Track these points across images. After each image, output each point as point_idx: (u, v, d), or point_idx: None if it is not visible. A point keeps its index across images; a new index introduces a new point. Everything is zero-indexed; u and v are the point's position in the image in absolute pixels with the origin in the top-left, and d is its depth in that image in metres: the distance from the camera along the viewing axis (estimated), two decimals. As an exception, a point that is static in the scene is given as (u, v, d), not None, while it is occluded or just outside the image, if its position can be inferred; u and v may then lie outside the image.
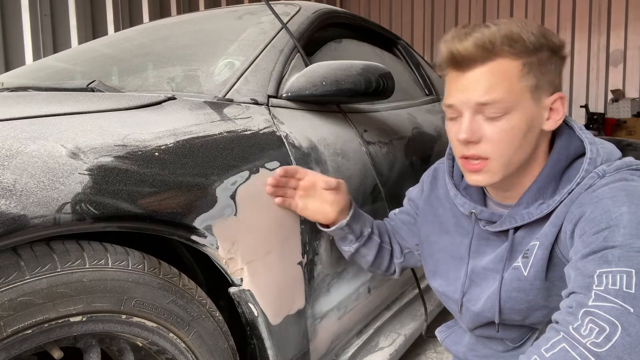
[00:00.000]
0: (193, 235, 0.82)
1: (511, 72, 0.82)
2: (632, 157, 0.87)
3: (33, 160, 0.63)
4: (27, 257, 0.64)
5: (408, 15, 8.23)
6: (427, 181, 1.13)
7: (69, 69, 1.62)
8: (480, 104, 0.82)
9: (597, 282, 0.70)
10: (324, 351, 1.19)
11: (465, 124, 0.84)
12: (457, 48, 0.83)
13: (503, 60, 0.82)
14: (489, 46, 0.81)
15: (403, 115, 1.68)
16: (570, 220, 0.80)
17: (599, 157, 0.84)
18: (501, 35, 0.81)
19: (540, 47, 0.82)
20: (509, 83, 0.81)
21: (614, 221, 0.73)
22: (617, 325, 0.65)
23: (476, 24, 0.85)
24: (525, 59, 0.82)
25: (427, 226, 1.08)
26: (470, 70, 0.83)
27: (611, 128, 6.31)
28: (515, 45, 0.81)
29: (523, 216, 0.87)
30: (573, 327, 0.69)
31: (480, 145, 0.84)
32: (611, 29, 6.75)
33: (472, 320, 1.00)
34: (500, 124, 0.82)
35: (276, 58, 1.26)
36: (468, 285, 0.99)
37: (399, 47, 2.21)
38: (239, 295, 0.92)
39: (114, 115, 0.82)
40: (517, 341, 0.98)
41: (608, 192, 0.77)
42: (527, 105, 0.83)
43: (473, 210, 0.95)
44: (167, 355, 0.81)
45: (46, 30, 3.93)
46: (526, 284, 0.87)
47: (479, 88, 0.82)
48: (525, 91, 0.82)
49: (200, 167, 0.84)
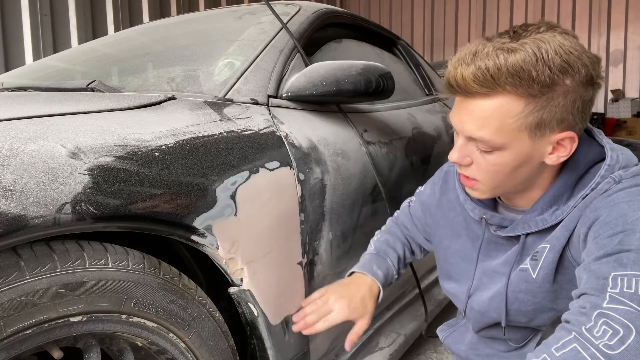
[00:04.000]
0: (193, 235, 0.82)
1: (508, 110, 0.76)
2: None
3: (33, 160, 0.63)
4: (27, 257, 0.64)
5: (408, 15, 8.23)
6: (438, 184, 1.12)
7: (69, 69, 1.62)
8: (470, 138, 0.82)
9: (612, 284, 0.69)
10: (324, 351, 1.19)
11: (457, 148, 0.84)
12: (454, 76, 0.78)
13: (505, 97, 0.75)
14: (490, 80, 0.74)
15: (403, 115, 1.68)
16: (584, 223, 0.79)
17: (617, 164, 0.82)
18: (507, 70, 0.73)
19: (554, 83, 0.73)
20: (503, 123, 0.76)
21: (630, 225, 0.72)
22: (632, 328, 0.64)
23: (494, 40, 0.77)
24: (529, 99, 0.75)
25: (440, 230, 1.08)
26: (471, 97, 0.79)
27: (611, 128, 6.31)
28: (520, 83, 0.73)
29: (537, 223, 0.86)
30: (586, 327, 0.68)
31: (470, 168, 0.85)
32: (611, 29, 6.75)
33: (477, 321, 1.00)
34: (489, 158, 0.81)
35: (276, 58, 1.25)
36: (475, 287, 0.99)
37: (399, 47, 2.21)
38: (239, 295, 0.92)
39: (114, 115, 0.82)
40: (520, 341, 0.98)
41: (624, 196, 0.76)
42: (521, 144, 0.78)
43: (483, 215, 0.95)
44: (167, 355, 0.81)
45: (46, 30, 3.93)
46: (534, 286, 0.87)
47: (473, 122, 0.79)
48: (522, 130, 0.77)
49: (200, 167, 0.84)
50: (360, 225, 1.29)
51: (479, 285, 0.98)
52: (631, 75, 6.69)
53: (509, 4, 7.42)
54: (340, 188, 1.20)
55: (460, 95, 0.81)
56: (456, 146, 0.85)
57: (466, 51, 0.78)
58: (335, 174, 1.18)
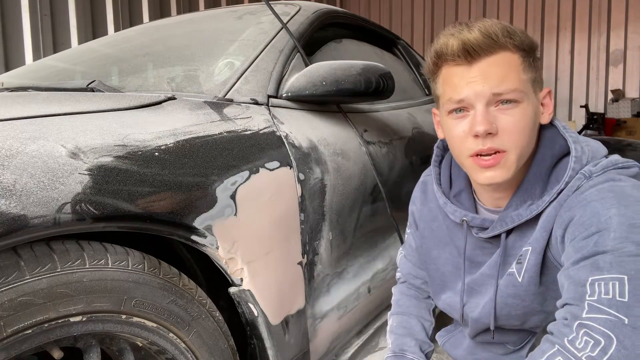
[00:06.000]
0: (193, 235, 0.82)
1: (515, 63, 0.83)
2: (632, 157, 0.86)
3: (33, 160, 0.63)
4: (27, 257, 0.64)
5: (408, 15, 8.23)
6: (418, 197, 1.10)
7: (69, 69, 1.62)
8: (496, 94, 0.81)
9: (590, 291, 0.69)
10: (324, 351, 1.19)
11: (482, 116, 0.81)
12: (467, 38, 0.82)
13: (506, 52, 0.83)
14: (494, 37, 0.82)
15: (403, 115, 1.68)
16: (560, 224, 0.80)
17: (584, 155, 0.83)
18: (501, 29, 0.82)
19: (530, 43, 0.85)
20: (517, 73, 0.82)
21: (604, 225, 0.72)
22: (612, 338, 0.65)
23: (463, 22, 0.87)
24: (522, 52, 0.84)
25: (427, 242, 1.07)
26: (477, 63, 0.82)
27: (611, 128, 6.31)
28: (514, 37, 0.83)
29: (513, 218, 0.86)
30: (568, 339, 0.69)
31: (497, 137, 0.81)
32: (611, 29, 6.75)
33: (472, 328, 1.00)
34: (514, 113, 0.81)
35: (276, 58, 1.25)
36: (468, 294, 0.98)
37: (399, 47, 2.21)
38: (239, 295, 0.92)
39: (114, 115, 0.82)
40: (518, 344, 0.98)
41: (596, 194, 0.76)
42: (532, 97, 0.84)
43: (464, 217, 0.93)
44: (167, 355, 0.81)
45: (46, 30, 3.93)
46: (521, 290, 0.87)
47: (492, 78, 0.81)
48: (528, 83, 0.83)
49: (200, 167, 0.84)
50: (360, 225, 1.30)
51: (471, 292, 0.97)
52: (631, 75, 6.69)
53: (509, 4, 7.42)
54: (340, 188, 1.20)
55: (465, 62, 0.83)
56: (478, 118, 0.81)
57: (453, 29, 0.86)
58: (335, 174, 1.18)
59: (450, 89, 0.85)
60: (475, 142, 0.83)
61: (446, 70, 0.86)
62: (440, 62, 0.87)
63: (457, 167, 0.98)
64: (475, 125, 0.81)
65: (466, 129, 0.83)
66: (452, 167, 1.01)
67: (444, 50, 0.85)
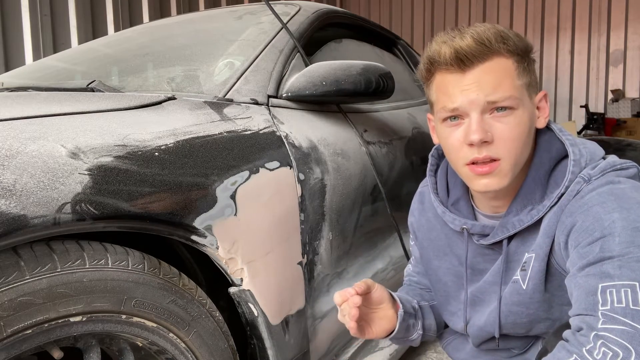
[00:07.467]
0: (193, 235, 0.82)
1: (509, 69, 0.81)
2: (632, 157, 0.86)
3: (33, 160, 0.63)
4: (27, 257, 0.64)
5: (408, 15, 8.22)
6: (416, 208, 1.09)
7: (69, 69, 1.62)
8: (490, 102, 0.80)
9: (602, 300, 0.68)
10: (324, 351, 1.19)
11: (476, 124, 0.80)
12: (460, 45, 0.80)
13: (499, 58, 0.81)
14: (487, 43, 0.80)
15: (403, 115, 1.68)
16: (562, 230, 0.79)
17: (582, 157, 0.82)
18: (494, 34, 0.81)
19: (524, 47, 0.83)
20: (512, 80, 0.81)
21: (608, 229, 0.71)
22: (630, 349, 0.64)
23: (456, 28, 0.86)
24: (516, 57, 0.82)
25: (427, 252, 1.05)
26: (470, 70, 0.81)
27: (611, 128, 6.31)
28: (507, 42, 0.81)
29: (514, 224, 0.85)
30: (586, 349, 0.67)
31: (492, 145, 0.81)
32: (611, 29, 6.75)
33: (476, 337, 0.98)
34: (509, 121, 0.80)
35: (276, 58, 1.26)
36: (471, 303, 0.97)
37: (399, 47, 2.21)
38: (239, 295, 0.92)
39: (114, 115, 0.82)
40: (522, 348, 0.98)
41: (596, 198, 0.76)
42: (527, 102, 0.83)
43: (464, 225, 0.92)
44: (167, 355, 0.81)
45: (46, 30, 3.93)
46: (526, 298, 0.86)
47: (486, 86, 0.80)
48: (523, 88, 0.82)
49: (200, 167, 0.84)
50: (360, 225, 1.30)
51: (475, 302, 0.96)
52: (631, 75, 6.69)
53: (509, 4, 7.41)
54: (340, 188, 1.20)
55: (458, 70, 0.82)
56: (473, 127, 0.80)
57: (445, 36, 0.84)
58: (335, 174, 1.18)
59: (444, 97, 0.84)
60: (470, 151, 0.82)
61: (439, 77, 0.85)
62: (433, 68, 0.85)
63: (454, 175, 0.97)
64: (470, 134, 0.81)
65: (461, 138, 0.82)
66: (448, 175, 1.00)
67: (436, 58, 0.83)
